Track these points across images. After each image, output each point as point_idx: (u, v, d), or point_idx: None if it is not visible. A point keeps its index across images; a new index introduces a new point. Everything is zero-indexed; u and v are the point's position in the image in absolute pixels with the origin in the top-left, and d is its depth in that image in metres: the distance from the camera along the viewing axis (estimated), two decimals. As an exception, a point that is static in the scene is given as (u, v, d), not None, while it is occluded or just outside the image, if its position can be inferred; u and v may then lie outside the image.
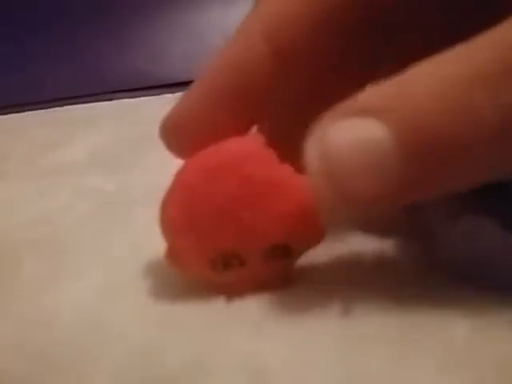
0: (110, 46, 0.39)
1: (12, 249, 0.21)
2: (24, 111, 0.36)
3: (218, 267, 0.17)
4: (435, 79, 0.13)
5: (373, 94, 0.14)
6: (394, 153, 0.13)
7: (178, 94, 0.35)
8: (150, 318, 0.17)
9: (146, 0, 0.40)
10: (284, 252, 0.17)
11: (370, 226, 0.20)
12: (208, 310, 0.17)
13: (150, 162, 0.27)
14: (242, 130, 0.17)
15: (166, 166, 0.27)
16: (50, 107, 0.36)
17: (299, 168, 0.15)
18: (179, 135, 0.18)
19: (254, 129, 0.18)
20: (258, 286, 0.17)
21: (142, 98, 0.36)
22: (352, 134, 0.13)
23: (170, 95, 0.36)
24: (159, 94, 0.36)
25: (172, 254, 0.17)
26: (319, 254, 0.18)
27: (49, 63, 0.39)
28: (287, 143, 0.15)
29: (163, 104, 0.35)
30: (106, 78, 0.38)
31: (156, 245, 0.20)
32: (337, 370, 0.15)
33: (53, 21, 0.40)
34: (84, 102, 0.36)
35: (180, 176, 0.17)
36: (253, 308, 0.17)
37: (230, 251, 0.16)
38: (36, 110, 0.36)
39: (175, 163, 0.26)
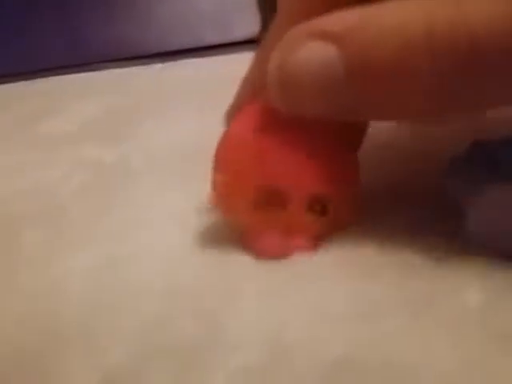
0: (98, 15, 0.39)
1: (11, 220, 0.21)
2: (13, 82, 0.36)
3: (261, 204, 0.17)
4: (394, 18, 0.14)
5: (335, 19, 0.15)
6: (342, 76, 0.15)
7: (169, 64, 0.36)
8: (159, 287, 0.17)
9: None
10: (322, 208, 0.18)
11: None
12: (219, 272, 0.17)
13: (144, 132, 0.27)
14: None
15: (160, 134, 0.27)
16: (39, 77, 0.36)
17: None
18: None
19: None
20: (287, 233, 0.18)
21: (133, 68, 0.36)
22: (309, 53, 0.15)
23: (160, 65, 0.36)
24: (149, 64, 0.36)
25: (220, 186, 0.18)
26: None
27: (37, 34, 0.38)
28: None
29: (153, 73, 0.35)
30: (95, 47, 0.37)
31: (158, 213, 0.21)
32: (352, 335, 0.15)
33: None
34: (74, 73, 0.36)
35: (250, 109, 0.18)
36: (270, 271, 0.17)
37: (274, 189, 0.17)
38: (25, 80, 0.36)
39: (169, 131, 0.27)
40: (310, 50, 0.15)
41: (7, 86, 0.35)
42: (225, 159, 0.18)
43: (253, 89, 0.20)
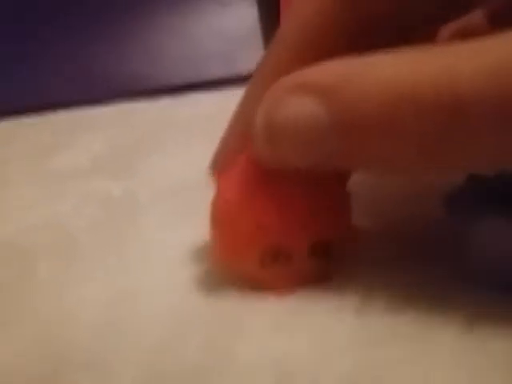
0: (108, 50, 0.40)
1: (23, 253, 0.22)
2: (23, 116, 0.36)
3: (267, 261, 0.18)
4: (380, 75, 0.14)
5: (320, 72, 0.15)
6: (329, 130, 0.15)
7: (176, 98, 0.36)
8: (166, 317, 0.18)
9: (144, 4, 0.41)
10: (325, 250, 0.18)
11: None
12: (223, 305, 0.18)
13: (153, 165, 0.28)
14: None
15: (168, 168, 0.27)
16: (49, 112, 0.37)
17: None
18: None
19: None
20: (297, 282, 0.18)
21: (140, 102, 0.37)
22: (294, 109, 0.15)
23: (167, 99, 0.36)
24: (156, 98, 0.37)
25: (220, 246, 0.18)
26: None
27: (47, 68, 0.39)
28: None
29: (161, 107, 0.36)
30: (104, 82, 0.38)
31: (166, 246, 0.21)
32: (355, 363, 0.15)
33: (52, 25, 0.41)
34: (82, 107, 0.37)
35: (239, 165, 0.18)
36: (272, 304, 0.18)
37: (277, 247, 0.17)
38: (34, 114, 0.36)
39: (176, 165, 0.27)
40: (296, 105, 0.15)
41: (17, 120, 0.36)
42: (222, 227, 0.18)
43: (238, 138, 0.19)
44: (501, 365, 0.15)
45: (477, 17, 0.21)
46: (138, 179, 0.27)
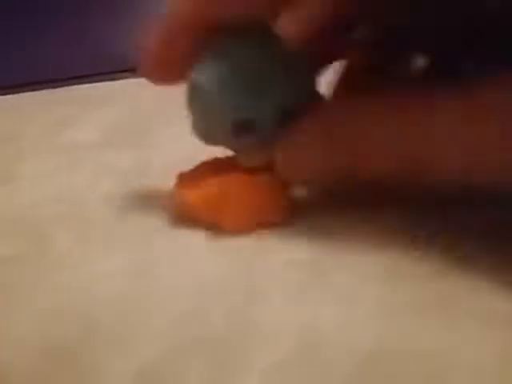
0: (116, 28, 0.40)
1: (37, 226, 0.22)
2: (34, 90, 0.37)
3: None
4: None
5: None
6: None
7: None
8: (187, 286, 0.18)
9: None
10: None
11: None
12: (245, 273, 0.18)
13: (164, 138, 0.28)
14: None
15: (178, 141, 0.28)
16: (58, 87, 0.37)
17: None
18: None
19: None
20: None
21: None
22: None
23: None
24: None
25: None
26: (357, 219, 0.20)
27: (56, 43, 0.40)
28: None
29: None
30: (113, 58, 0.38)
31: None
32: (381, 329, 0.16)
33: (62, 2, 0.42)
34: (86, 82, 0.37)
35: None
36: (297, 272, 0.18)
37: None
38: (45, 89, 0.37)
39: (185, 139, 0.28)
40: None
41: (30, 94, 0.36)
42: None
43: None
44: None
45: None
46: (150, 151, 0.27)
